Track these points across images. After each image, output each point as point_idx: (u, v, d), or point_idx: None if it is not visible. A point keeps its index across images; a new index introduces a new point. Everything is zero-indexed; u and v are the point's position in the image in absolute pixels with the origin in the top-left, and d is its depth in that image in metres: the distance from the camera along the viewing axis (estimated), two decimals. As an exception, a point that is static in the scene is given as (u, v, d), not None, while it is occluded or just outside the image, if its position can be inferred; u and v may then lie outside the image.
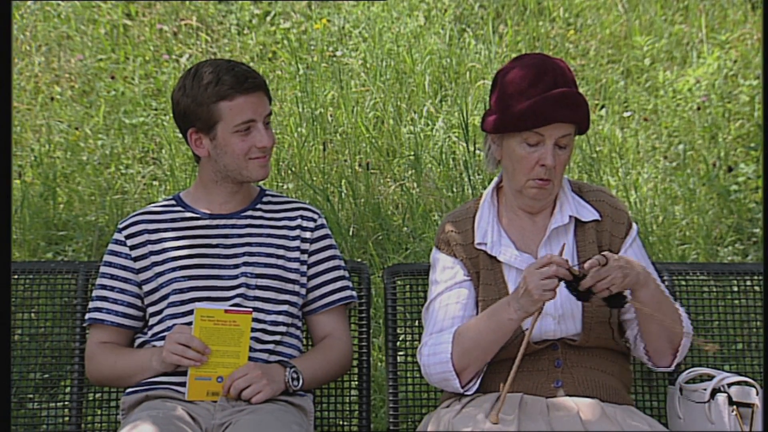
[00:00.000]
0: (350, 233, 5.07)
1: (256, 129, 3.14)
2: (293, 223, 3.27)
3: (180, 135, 5.88)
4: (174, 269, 3.17)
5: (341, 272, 3.30)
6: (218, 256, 3.19)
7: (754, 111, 6.10)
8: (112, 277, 3.22)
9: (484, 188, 4.81)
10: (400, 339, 3.43)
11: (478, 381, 2.93)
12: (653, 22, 6.85)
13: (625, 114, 6.20)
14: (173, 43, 6.61)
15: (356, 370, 3.36)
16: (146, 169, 5.69)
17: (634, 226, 3.07)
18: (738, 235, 5.32)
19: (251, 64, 6.37)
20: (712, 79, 6.34)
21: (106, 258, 3.26)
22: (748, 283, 3.48)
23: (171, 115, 5.95)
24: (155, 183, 5.60)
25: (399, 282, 3.42)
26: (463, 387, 2.92)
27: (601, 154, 5.76)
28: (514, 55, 3.06)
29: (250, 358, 3.04)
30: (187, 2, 6.87)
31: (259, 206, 3.29)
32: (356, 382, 3.38)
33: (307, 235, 3.26)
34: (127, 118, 5.97)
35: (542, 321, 2.90)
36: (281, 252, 3.22)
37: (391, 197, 5.44)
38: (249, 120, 3.13)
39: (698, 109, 6.14)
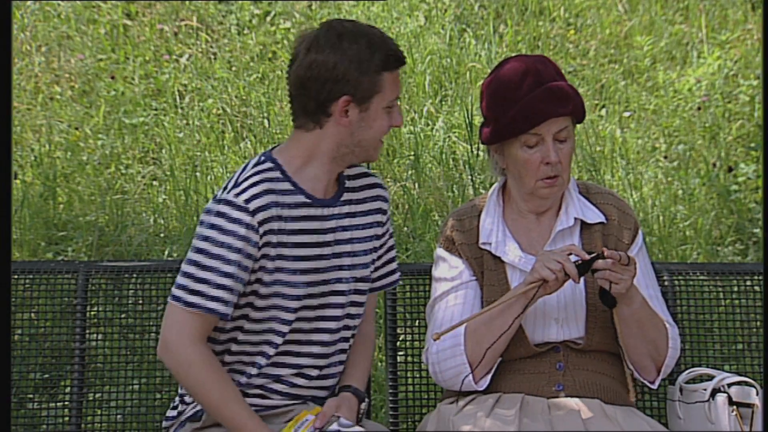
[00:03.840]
0: (350, 233, 5.06)
1: (396, 107, 2.81)
2: (374, 206, 2.94)
3: (179, 135, 5.95)
4: (294, 272, 2.80)
5: (394, 252, 3.07)
6: (329, 256, 2.85)
7: (754, 111, 6.10)
8: (239, 266, 2.72)
9: (486, 188, 4.81)
10: (400, 339, 3.42)
11: (489, 377, 2.91)
12: (653, 22, 6.85)
13: (625, 114, 6.20)
14: (173, 43, 6.61)
15: (356, 370, 3.36)
16: (146, 169, 5.69)
17: (641, 232, 3.06)
18: (738, 235, 5.32)
19: (251, 65, 6.39)
20: (713, 79, 6.33)
21: (229, 240, 2.72)
22: (748, 283, 3.48)
23: (171, 115, 6.01)
24: (155, 183, 5.60)
25: (399, 282, 3.42)
26: (476, 382, 2.89)
27: (601, 154, 5.76)
28: (514, 55, 3.06)
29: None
30: (187, 2, 6.87)
31: (348, 184, 2.91)
32: (356, 382, 3.37)
33: (382, 218, 2.96)
34: (127, 118, 5.96)
35: (545, 325, 2.91)
36: (372, 245, 2.93)
37: (392, 197, 5.44)
38: (397, 97, 2.81)
39: (698, 109, 6.14)
